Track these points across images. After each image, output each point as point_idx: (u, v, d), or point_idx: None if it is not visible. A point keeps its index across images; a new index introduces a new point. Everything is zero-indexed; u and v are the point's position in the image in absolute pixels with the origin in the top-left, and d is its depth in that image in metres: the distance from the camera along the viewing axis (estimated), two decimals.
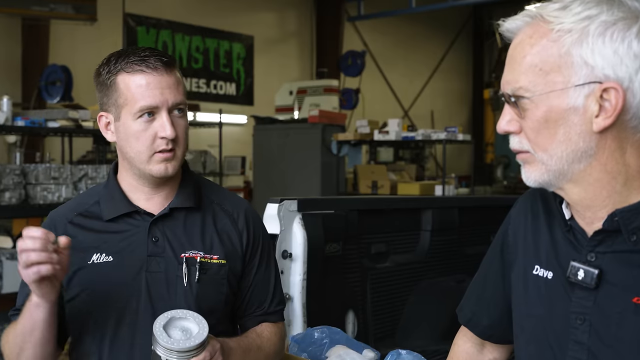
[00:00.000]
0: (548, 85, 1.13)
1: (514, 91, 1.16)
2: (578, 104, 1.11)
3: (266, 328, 1.83)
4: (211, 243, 1.74)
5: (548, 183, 1.19)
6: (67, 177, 5.27)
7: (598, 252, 1.17)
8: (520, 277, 1.32)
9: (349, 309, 2.89)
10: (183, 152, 1.71)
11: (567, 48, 1.11)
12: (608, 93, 1.09)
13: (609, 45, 1.09)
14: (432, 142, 8.84)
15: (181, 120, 1.68)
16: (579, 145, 1.13)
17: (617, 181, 1.15)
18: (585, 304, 1.17)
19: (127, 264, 1.68)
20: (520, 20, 1.17)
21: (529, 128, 1.16)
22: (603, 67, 1.09)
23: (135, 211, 1.72)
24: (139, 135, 1.64)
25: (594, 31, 1.09)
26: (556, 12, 1.13)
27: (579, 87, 1.11)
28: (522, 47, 1.16)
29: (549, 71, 1.13)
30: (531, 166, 1.19)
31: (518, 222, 1.36)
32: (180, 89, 1.67)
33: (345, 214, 2.85)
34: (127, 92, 1.64)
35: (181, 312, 1.54)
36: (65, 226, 1.73)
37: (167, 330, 1.50)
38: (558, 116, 1.13)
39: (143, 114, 1.63)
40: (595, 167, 1.14)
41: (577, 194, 1.18)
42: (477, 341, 1.50)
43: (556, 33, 1.12)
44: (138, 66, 1.63)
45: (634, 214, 1.13)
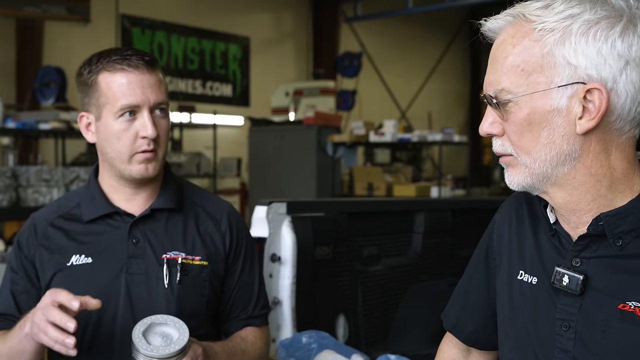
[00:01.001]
0: (530, 86, 1.09)
1: (496, 93, 1.13)
2: (561, 106, 1.08)
3: (250, 332, 1.80)
4: (193, 244, 1.72)
5: (532, 187, 1.16)
6: (59, 180, 5.24)
7: (583, 257, 1.14)
8: (505, 282, 1.28)
9: (340, 313, 2.85)
10: (164, 153, 1.69)
11: (549, 48, 1.08)
12: (591, 94, 1.06)
13: (592, 44, 1.06)
14: (428, 143, 8.81)
15: (163, 120, 1.66)
16: (562, 148, 1.10)
17: (602, 184, 1.11)
18: (570, 311, 1.14)
19: (107, 265, 1.66)
20: (502, 19, 1.14)
21: (512, 130, 1.13)
22: (586, 67, 1.06)
23: (115, 212, 1.70)
24: (120, 135, 1.62)
25: (577, 30, 1.06)
26: (538, 10, 1.09)
27: (562, 87, 1.07)
28: (504, 47, 1.13)
29: (531, 72, 1.09)
30: (514, 169, 1.16)
31: (503, 226, 1.33)
32: (162, 89, 1.65)
33: (335, 217, 2.81)
34: (108, 91, 1.62)
35: (161, 318, 1.51)
36: (46, 228, 1.71)
37: (146, 337, 1.47)
38: (541, 118, 1.09)
39: (124, 113, 1.61)
40: (580, 170, 1.11)
41: (561, 198, 1.14)
42: (463, 347, 1.47)
43: (538, 32, 1.09)
44: (119, 65, 1.61)
45: (620, 218, 1.10)
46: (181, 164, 8.11)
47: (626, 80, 1.06)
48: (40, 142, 9.01)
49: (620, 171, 1.11)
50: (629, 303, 1.08)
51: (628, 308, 1.08)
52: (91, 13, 8.43)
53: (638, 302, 1.07)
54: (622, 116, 1.08)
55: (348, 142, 8.61)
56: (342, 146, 8.61)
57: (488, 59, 1.16)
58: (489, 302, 1.35)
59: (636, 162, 1.14)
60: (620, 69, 1.06)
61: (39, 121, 5.35)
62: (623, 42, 1.05)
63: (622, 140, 1.11)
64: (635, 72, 1.06)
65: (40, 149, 8.87)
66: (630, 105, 1.07)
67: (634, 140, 1.13)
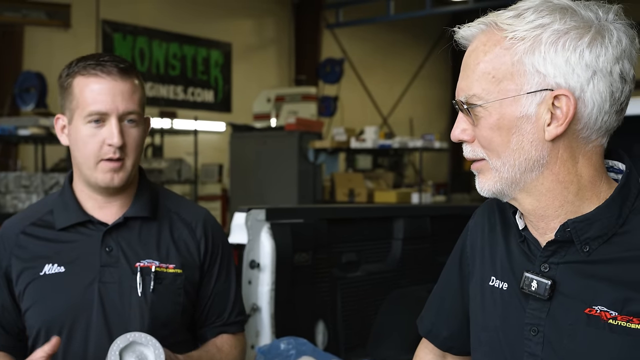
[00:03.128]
0: (501, 93, 1.12)
1: (467, 98, 1.15)
2: (530, 112, 1.11)
3: (226, 341, 1.81)
4: (167, 252, 1.72)
5: (501, 192, 1.18)
6: (38, 186, 5.20)
7: (551, 262, 1.17)
8: (478, 288, 1.31)
9: (319, 319, 2.86)
10: (133, 164, 1.67)
11: (519, 56, 1.10)
12: (559, 100, 1.09)
13: (560, 54, 1.08)
14: (409, 150, 8.86)
15: (133, 130, 1.65)
16: (531, 154, 1.12)
17: (569, 191, 1.14)
18: (538, 315, 1.16)
19: (80, 274, 1.65)
20: (475, 27, 1.17)
21: (481, 135, 1.15)
22: (555, 75, 1.09)
23: (88, 220, 1.69)
24: (86, 140, 1.62)
25: (547, 40, 1.09)
26: (510, 19, 1.12)
27: (530, 94, 1.10)
28: (476, 55, 1.15)
29: (501, 79, 1.12)
30: (485, 176, 1.18)
31: (475, 233, 1.35)
32: (134, 98, 1.64)
33: (314, 223, 2.83)
34: (79, 95, 1.62)
35: (143, 338, 1.50)
36: (17, 237, 1.70)
37: (122, 355, 1.47)
38: (511, 124, 1.12)
39: (92, 119, 1.61)
40: (548, 176, 1.14)
41: (529, 204, 1.17)
42: (438, 353, 1.49)
43: (509, 41, 1.11)
44: (93, 69, 1.61)
45: (586, 224, 1.13)
46: (162, 170, 8.08)
47: (593, 89, 1.09)
48: (19, 148, 8.93)
49: (587, 178, 1.14)
50: (595, 307, 1.10)
51: (594, 312, 1.10)
52: (72, 18, 8.37)
53: (604, 307, 1.10)
54: (589, 125, 1.11)
55: (329, 149, 8.64)
56: (324, 152, 8.64)
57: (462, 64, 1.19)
58: (463, 307, 1.37)
59: (603, 170, 1.17)
60: (587, 78, 1.08)
61: (18, 127, 5.31)
62: (591, 53, 1.08)
63: (589, 148, 1.14)
64: (602, 83, 1.09)
65: (19, 155, 8.79)
66: (597, 114, 1.10)
67: (602, 149, 1.16)
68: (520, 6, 1.13)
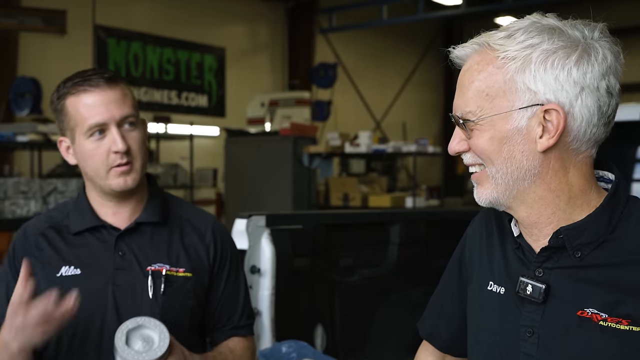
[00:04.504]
0: (494, 109, 1.19)
1: (463, 114, 1.22)
2: (521, 125, 1.17)
3: (238, 343, 1.86)
4: (177, 257, 1.77)
5: (497, 201, 1.24)
6: (37, 192, 5.25)
7: (545, 267, 1.23)
8: (476, 292, 1.37)
9: (318, 323, 2.93)
10: (142, 164, 1.73)
11: (511, 75, 1.17)
12: (550, 114, 1.16)
13: (550, 72, 1.15)
14: (403, 154, 8.94)
15: (133, 132, 1.71)
16: (522, 163, 1.19)
17: (560, 199, 1.21)
18: (534, 318, 1.23)
19: (94, 277, 1.71)
20: (469, 47, 1.23)
21: (476, 145, 1.22)
22: (545, 92, 1.15)
23: (102, 225, 1.75)
24: (93, 153, 1.68)
25: (536, 59, 1.15)
26: (502, 40, 1.19)
27: (522, 109, 1.17)
28: (470, 74, 1.22)
29: (494, 96, 1.19)
30: (483, 186, 1.25)
31: (474, 240, 1.42)
32: (127, 102, 1.70)
33: (313, 229, 2.89)
34: (75, 113, 1.68)
35: (149, 321, 1.55)
36: (37, 238, 1.76)
37: (129, 339, 1.53)
38: (502, 135, 1.19)
39: (93, 132, 1.67)
40: (540, 185, 1.20)
41: (523, 212, 1.24)
42: (438, 354, 1.55)
43: (501, 60, 1.18)
44: (81, 86, 1.67)
45: (578, 231, 1.19)
46: (158, 175, 8.13)
47: (582, 104, 1.16)
48: (14, 153, 8.96)
49: (577, 188, 1.21)
50: (587, 310, 1.17)
51: (586, 314, 1.17)
52: (67, 23, 8.41)
53: (595, 309, 1.16)
54: (579, 137, 1.18)
55: (324, 153, 8.70)
56: (318, 157, 8.70)
57: (457, 82, 1.25)
58: (462, 310, 1.44)
59: (593, 179, 1.23)
60: (576, 94, 1.15)
61: (17, 133, 5.36)
62: (578, 70, 1.15)
63: (579, 159, 1.20)
64: (590, 98, 1.16)
65: (14, 161, 8.82)
66: (586, 127, 1.17)
67: (591, 159, 1.23)
68: (511, 27, 1.20)
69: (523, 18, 1.21)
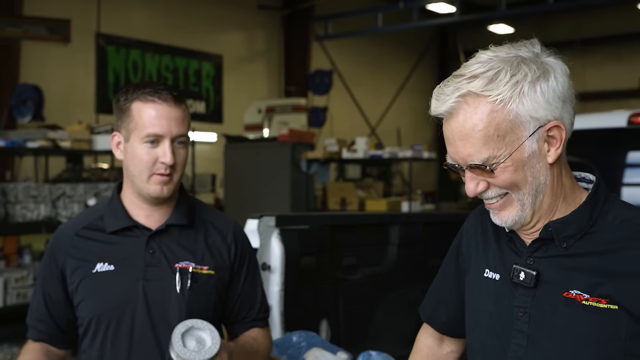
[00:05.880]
0: (508, 145, 1.33)
1: (484, 161, 1.34)
2: (534, 149, 1.34)
3: (259, 333, 2.05)
4: (202, 256, 1.95)
5: (521, 219, 1.39)
6: (46, 196, 5.40)
7: (536, 257, 1.42)
8: (474, 279, 1.55)
9: (323, 318, 3.10)
10: (179, 177, 1.91)
11: (514, 112, 1.32)
12: (552, 130, 1.34)
13: (541, 97, 1.32)
14: (398, 160, 9.12)
15: (181, 149, 1.88)
16: (540, 180, 1.36)
17: (559, 200, 1.40)
18: (526, 300, 1.41)
19: (127, 272, 1.88)
20: (453, 101, 1.35)
21: (503, 181, 1.35)
22: (545, 115, 1.33)
23: (134, 226, 1.93)
24: (142, 157, 1.85)
25: (528, 91, 1.32)
26: (488, 85, 1.32)
27: (531, 136, 1.33)
28: (473, 123, 1.33)
29: (504, 135, 1.32)
30: (507, 210, 1.39)
31: (470, 234, 1.61)
32: (184, 123, 1.87)
33: (319, 230, 3.07)
34: (138, 118, 1.85)
35: (198, 323, 1.73)
36: (72, 238, 1.93)
37: (184, 338, 1.69)
38: (523, 164, 1.34)
39: (148, 140, 1.84)
40: (548, 193, 1.38)
41: (535, 220, 1.41)
42: (437, 336, 1.74)
43: (499, 104, 1.32)
44: (151, 97, 1.84)
45: (564, 225, 1.38)
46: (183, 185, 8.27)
47: (567, 114, 1.35)
48: (16, 158, 9.09)
49: (568, 187, 1.41)
50: (572, 291, 1.35)
51: (571, 295, 1.35)
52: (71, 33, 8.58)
53: (578, 291, 1.35)
54: (565, 142, 1.36)
55: (321, 159, 8.88)
56: (316, 162, 8.87)
57: (452, 134, 1.36)
58: (459, 297, 1.62)
59: (573, 177, 1.43)
60: (562, 107, 1.34)
61: (27, 139, 5.52)
62: (558, 86, 1.34)
63: (564, 161, 1.40)
64: (569, 106, 1.36)
65: (16, 166, 8.95)
66: (570, 131, 1.37)
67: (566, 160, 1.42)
68: (483, 72, 1.32)
69: (476, 59, 1.35)
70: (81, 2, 10.40)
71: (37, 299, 1.94)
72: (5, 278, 5.19)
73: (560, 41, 17.60)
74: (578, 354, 1.34)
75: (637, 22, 15.98)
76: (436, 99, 1.38)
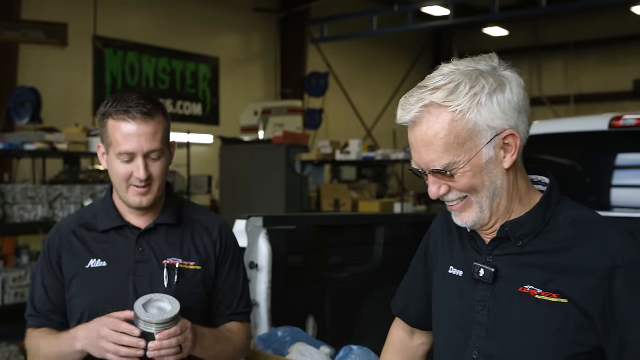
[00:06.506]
0: (467, 152, 1.44)
1: (444, 167, 1.45)
2: (491, 155, 1.46)
3: (234, 325, 2.15)
4: (189, 252, 2.07)
5: (479, 220, 1.51)
6: (43, 197, 5.52)
7: (494, 254, 1.53)
8: (440, 276, 1.67)
9: (310, 314, 3.21)
10: (159, 186, 2.01)
11: (473, 121, 1.43)
12: (507, 138, 1.45)
13: (497, 107, 1.44)
14: (391, 161, 9.24)
15: (156, 162, 1.98)
16: (497, 184, 1.48)
17: (514, 202, 1.51)
18: (485, 294, 1.53)
19: (118, 268, 2.01)
20: (417, 111, 1.46)
21: (462, 184, 1.47)
22: (501, 124, 1.44)
23: (125, 225, 2.05)
24: (118, 171, 1.97)
25: (485, 102, 1.43)
26: (449, 97, 1.43)
27: (488, 144, 1.45)
28: (435, 131, 1.44)
29: (463, 142, 1.44)
30: (466, 211, 1.51)
31: (437, 233, 1.72)
32: (157, 137, 1.96)
33: (306, 230, 3.18)
34: (112, 135, 1.96)
35: (158, 295, 1.86)
36: (69, 235, 2.06)
37: (145, 308, 1.82)
38: (481, 169, 1.46)
39: (122, 156, 1.95)
40: (505, 197, 1.50)
41: (493, 221, 1.52)
42: (408, 329, 1.85)
43: (459, 113, 1.43)
44: (122, 115, 1.94)
45: (519, 225, 1.50)
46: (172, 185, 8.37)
47: (522, 123, 1.47)
48: (14, 160, 9.19)
49: (524, 190, 1.52)
50: (526, 286, 1.47)
51: (525, 290, 1.47)
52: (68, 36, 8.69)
53: (532, 286, 1.46)
54: (521, 149, 1.48)
55: (315, 160, 8.99)
56: (310, 164, 8.99)
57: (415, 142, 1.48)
58: (427, 292, 1.73)
59: (529, 180, 1.55)
60: (517, 117, 1.46)
61: (25, 142, 5.64)
62: (512, 98, 1.45)
63: (519, 165, 1.51)
64: (524, 115, 1.47)
65: (14, 167, 9.05)
66: (524, 138, 1.48)
67: (522, 164, 1.53)
68: (445, 83, 1.44)
69: (439, 72, 1.47)
70: (78, 5, 10.52)
71: (38, 290, 2.05)
72: (3, 277, 5.30)
73: (555, 43, 17.83)
74: (532, 343, 1.45)
75: (630, 24, 16.12)
76: (402, 108, 1.50)
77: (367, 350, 2.48)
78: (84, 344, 1.87)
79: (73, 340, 1.89)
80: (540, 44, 17.88)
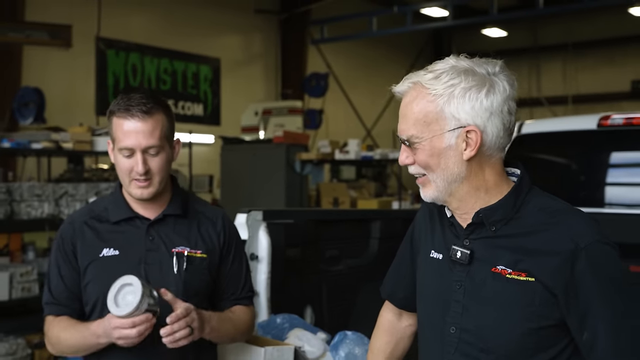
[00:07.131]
0: (430, 132, 1.62)
1: (408, 137, 1.65)
2: (452, 143, 1.62)
3: (239, 309, 2.31)
4: (195, 241, 2.23)
5: (437, 198, 1.69)
6: (49, 195, 5.68)
7: (471, 238, 1.69)
8: (423, 260, 1.82)
9: (307, 305, 3.37)
10: (160, 180, 2.16)
11: (440, 107, 1.61)
12: (470, 133, 1.61)
13: (467, 103, 1.59)
14: (390, 161, 9.38)
15: (155, 157, 2.13)
16: (454, 170, 1.64)
17: (480, 192, 1.66)
18: (461, 275, 1.68)
19: (130, 257, 2.16)
20: (405, 85, 1.67)
21: (420, 160, 1.66)
22: (466, 118, 1.60)
23: (135, 216, 2.20)
24: (121, 165, 2.14)
25: (457, 94, 1.60)
26: (431, 80, 1.62)
27: (451, 131, 1.61)
28: (411, 106, 1.65)
29: (430, 123, 1.62)
30: (426, 187, 1.70)
31: (421, 221, 1.88)
32: (155, 134, 2.11)
33: (304, 224, 3.34)
34: (115, 132, 2.13)
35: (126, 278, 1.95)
36: (82, 226, 2.21)
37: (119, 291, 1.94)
38: (439, 151, 1.63)
39: (123, 152, 2.11)
40: (466, 184, 1.66)
41: (455, 203, 1.69)
42: (396, 311, 2.01)
43: (432, 96, 1.61)
44: (123, 113, 2.11)
45: (492, 211, 1.65)
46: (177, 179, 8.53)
47: (492, 125, 1.62)
48: (19, 159, 9.33)
49: (492, 182, 1.67)
50: (498, 267, 1.62)
51: (497, 270, 1.62)
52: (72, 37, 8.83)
53: (503, 266, 1.62)
54: (491, 147, 1.63)
55: (315, 160, 9.14)
56: (310, 164, 9.13)
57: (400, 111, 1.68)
58: (413, 276, 1.89)
59: (504, 174, 1.70)
60: (487, 118, 1.61)
61: (32, 141, 5.80)
62: (487, 100, 1.60)
63: (492, 161, 1.66)
64: (497, 119, 1.61)
65: (19, 166, 9.19)
66: (496, 139, 1.63)
67: (501, 160, 1.69)
68: (437, 69, 1.64)
69: (444, 60, 1.65)
70: (81, 7, 10.66)
71: (54, 279, 2.19)
72: (10, 273, 5.45)
73: (553, 44, 17.98)
74: (502, 318, 1.61)
75: (628, 25, 16.27)
76: (402, 81, 1.69)
77: (361, 335, 2.63)
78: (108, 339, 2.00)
79: (97, 338, 2.03)
80: (538, 45, 18.03)
